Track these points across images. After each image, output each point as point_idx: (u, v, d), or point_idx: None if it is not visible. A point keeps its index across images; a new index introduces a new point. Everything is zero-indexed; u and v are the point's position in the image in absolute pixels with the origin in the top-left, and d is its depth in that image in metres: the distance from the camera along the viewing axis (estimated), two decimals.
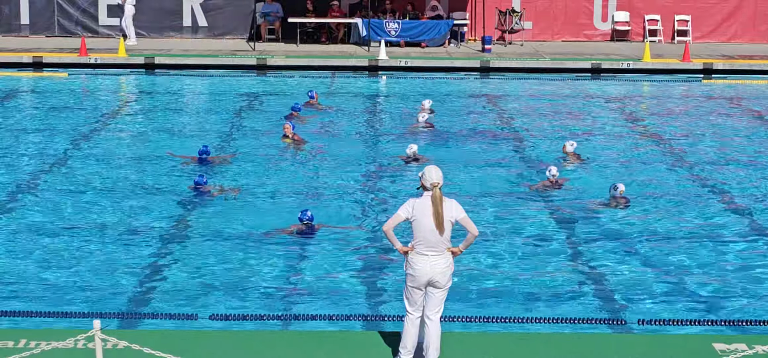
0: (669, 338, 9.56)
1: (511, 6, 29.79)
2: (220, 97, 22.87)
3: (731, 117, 21.14)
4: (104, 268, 11.59)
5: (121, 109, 21.56)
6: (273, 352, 8.93)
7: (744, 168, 16.70)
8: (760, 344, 9.00)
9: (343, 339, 9.28)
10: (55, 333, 9.05)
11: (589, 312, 10.52)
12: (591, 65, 26.46)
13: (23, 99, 22.55)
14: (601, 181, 15.47)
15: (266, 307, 10.52)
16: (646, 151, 17.91)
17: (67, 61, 26.01)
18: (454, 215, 8.31)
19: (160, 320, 10.08)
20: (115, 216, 13.59)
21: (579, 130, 19.38)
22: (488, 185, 15.44)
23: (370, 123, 20.09)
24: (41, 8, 29.41)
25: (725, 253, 12.40)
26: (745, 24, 30.44)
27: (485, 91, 24.12)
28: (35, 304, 10.40)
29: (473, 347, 9.05)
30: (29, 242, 12.48)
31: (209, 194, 14.39)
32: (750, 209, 14.31)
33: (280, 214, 13.62)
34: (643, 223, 13.51)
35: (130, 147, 17.74)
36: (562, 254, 12.35)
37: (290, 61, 26.50)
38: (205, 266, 11.70)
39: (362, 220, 13.64)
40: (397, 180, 15.60)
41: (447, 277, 8.39)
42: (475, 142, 18.24)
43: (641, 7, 30.29)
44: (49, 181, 15.42)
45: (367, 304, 10.76)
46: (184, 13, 29.67)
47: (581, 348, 9.09)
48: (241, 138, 18.47)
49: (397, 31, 28.21)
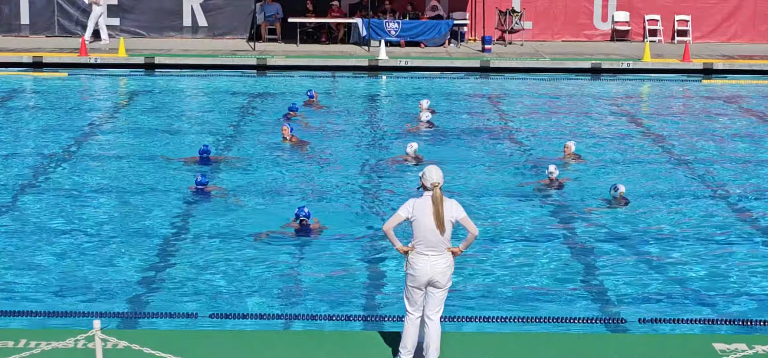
0: (669, 338, 9.57)
1: (511, 6, 29.78)
2: (220, 97, 22.87)
3: (731, 117, 21.14)
4: (104, 268, 11.59)
5: (120, 109, 21.56)
6: (273, 352, 8.92)
7: (744, 168, 16.70)
8: (760, 344, 9.00)
9: (343, 339, 9.28)
10: (55, 333, 9.05)
11: (589, 312, 10.51)
12: (591, 65, 26.45)
13: (23, 99, 22.54)
14: (600, 181, 15.48)
15: (266, 307, 10.52)
16: (646, 151, 17.91)
17: (67, 61, 26.00)
18: (454, 214, 8.31)
19: (160, 320, 10.08)
20: (115, 216, 13.59)
21: (579, 131, 19.38)
22: (488, 184, 15.44)
23: (370, 123, 20.08)
24: (41, 8, 29.40)
25: (725, 253, 12.40)
26: (745, 24, 30.43)
27: (485, 91, 24.12)
28: (35, 304, 10.40)
29: (473, 347, 9.05)
30: (29, 242, 12.48)
31: (210, 195, 14.38)
32: (750, 208, 14.31)
33: (280, 214, 13.62)
34: (642, 223, 13.51)
35: (130, 147, 17.74)
36: (562, 254, 12.35)
37: (290, 61, 26.49)
38: (205, 266, 11.70)
39: (362, 219, 13.64)
40: (397, 180, 15.60)
41: (447, 277, 8.39)
42: (475, 142, 18.23)
43: (641, 7, 30.29)
44: (48, 180, 15.42)
45: (367, 304, 10.76)
46: (184, 13, 29.66)
47: (581, 348, 9.09)
48: (241, 138, 18.47)
49: (397, 31, 28.20)
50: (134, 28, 29.64)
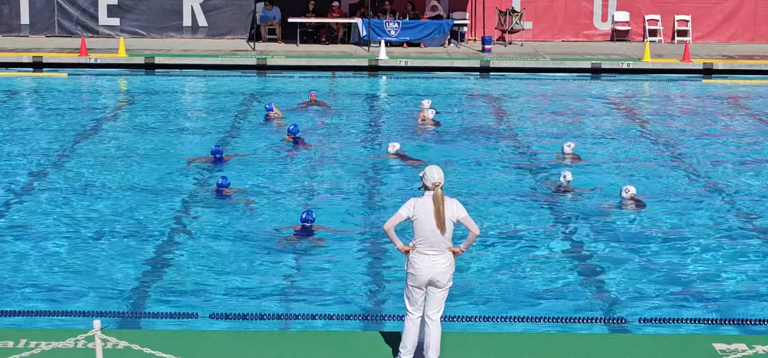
0: (669, 338, 9.56)
1: (511, 6, 29.80)
2: (220, 97, 22.86)
3: (731, 117, 21.14)
4: (104, 268, 11.59)
5: (121, 109, 21.56)
6: (273, 352, 8.92)
7: (744, 168, 16.70)
8: (760, 344, 9.00)
9: (343, 339, 9.28)
10: (55, 333, 9.05)
11: (590, 312, 10.51)
12: (591, 65, 26.46)
13: (23, 99, 22.54)
14: (600, 180, 15.47)
15: (266, 307, 10.52)
16: (646, 151, 17.90)
17: (67, 61, 26.01)
18: (455, 214, 8.31)
19: (160, 320, 10.08)
20: (115, 216, 13.58)
21: (579, 131, 19.37)
22: (488, 184, 15.44)
23: (369, 123, 20.08)
24: (41, 8, 29.41)
25: (725, 253, 12.39)
26: (745, 24, 30.44)
27: (485, 91, 24.12)
28: (35, 304, 10.40)
29: (473, 347, 9.04)
30: (29, 242, 12.48)
31: (230, 197, 14.32)
32: (750, 208, 14.31)
33: (280, 214, 13.62)
34: (642, 223, 13.51)
35: (130, 147, 17.73)
36: (562, 254, 12.34)
37: (290, 61, 26.50)
38: (206, 266, 11.70)
39: (362, 219, 13.63)
40: (397, 180, 15.60)
41: (448, 276, 8.38)
42: (475, 142, 18.23)
43: (641, 7, 30.30)
44: (48, 181, 15.42)
45: (367, 304, 10.76)
46: (184, 13, 29.68)
47: (581, 348, 9.08)
48: (241, 138, 18.47)
49: (397, 31, 28.20)
50: (134, 28, 29.66)
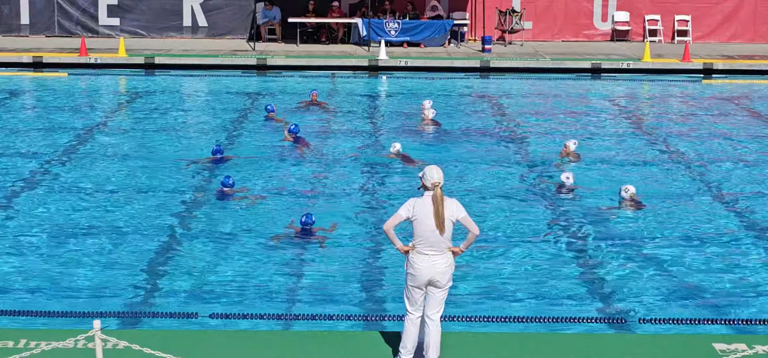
0: (669, 338, 9.56)
1: (511, 6, 29.80)
2: (220, 97, 22.86)
3: (731, 117, 21.13)
4: (104, 268, 11.58)
5: (121, 109, 21.56)
6: (273, 352, 8.92)
7: (744, 168, 16.70)
8: (760, 344, 9.00)
9: (343, 339, 9.28)
10: (55, 333, 9.05)
11: (590, 312, 10.51)
12: (591, 65, 26.46)
13: (23, 99, 22.54)
14: (600, 180, 15.48)
15: (266, 307, 10.52)
16: (646, 151, 17.91)
17: (67, 61, 26.02)
18: (454, 214, 8.31)
19: (160, 320, 10.08)
20: (115, 216, 13.58)
21: (579, 130, 19.37)
22: (488, 184, 15.44)
23: (370, 123, 20.08)
24: (41, 8, 29.42)
25: (725, 253, 12.39)
26: (745, 24, 30.44)
27: (485, 91, 24.12)
28: (35, 304, 10.40)
29: (473, 347, 9.04)
30: (29, 242, 12.48)
31: (231, 197, 14.32)
32: (750, 208, 14.31)
33: (280, 214, 13.62)
34: (642, 222, 13.51)
35: (130, 147, 17.73)
36: (562, 254, 12.34)
37: (290, 61, 26.50)
38: (206, 266, 11.70)
39: (362, 219, 13.63)
40: (397, 180, 15.59)
41: (447, 277, 8.38)
42: (475, 142, 18.23)
43: (641, 7, 30.30)
44: (48, 181, 15.42)
45: (367, 304, 10.75)
46: (184, 13, 29.69)
47: (581, 348, 9.08)
48: (241, 138, 18.47)
49: (397, 31, 28.21)
50: (134, 28, 29.67)
